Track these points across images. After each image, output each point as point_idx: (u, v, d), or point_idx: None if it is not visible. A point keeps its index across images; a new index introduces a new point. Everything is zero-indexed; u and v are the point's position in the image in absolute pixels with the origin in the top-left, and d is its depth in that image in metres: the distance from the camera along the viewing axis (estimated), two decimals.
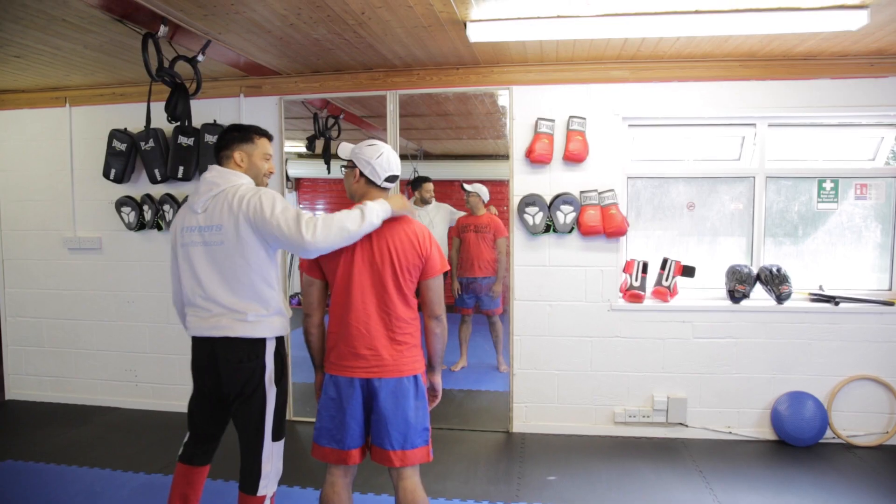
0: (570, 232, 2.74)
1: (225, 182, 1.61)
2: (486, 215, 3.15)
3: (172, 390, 3.03)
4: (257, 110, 2.92)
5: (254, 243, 1.55)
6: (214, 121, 2.90)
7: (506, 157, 2.77)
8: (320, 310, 1.59)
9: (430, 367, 1.64)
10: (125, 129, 2.91)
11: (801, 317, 2.71)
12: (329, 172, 3.00)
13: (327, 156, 2.96)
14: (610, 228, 2.69)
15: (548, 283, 2.79)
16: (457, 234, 3.22)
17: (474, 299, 3.22)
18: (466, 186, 3.13)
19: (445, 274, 1.59)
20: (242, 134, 1.67)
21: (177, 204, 2.90)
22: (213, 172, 1.62)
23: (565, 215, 2.70)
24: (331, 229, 1.50)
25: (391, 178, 1.58)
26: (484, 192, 3.13)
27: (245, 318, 1.54)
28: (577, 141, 2.68)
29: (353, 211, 1.55)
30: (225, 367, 1.57)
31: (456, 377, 3.18)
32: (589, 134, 2.74)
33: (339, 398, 1.53)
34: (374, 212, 1.54)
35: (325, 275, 1.57)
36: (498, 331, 3.12)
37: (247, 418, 1.58)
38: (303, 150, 3.00)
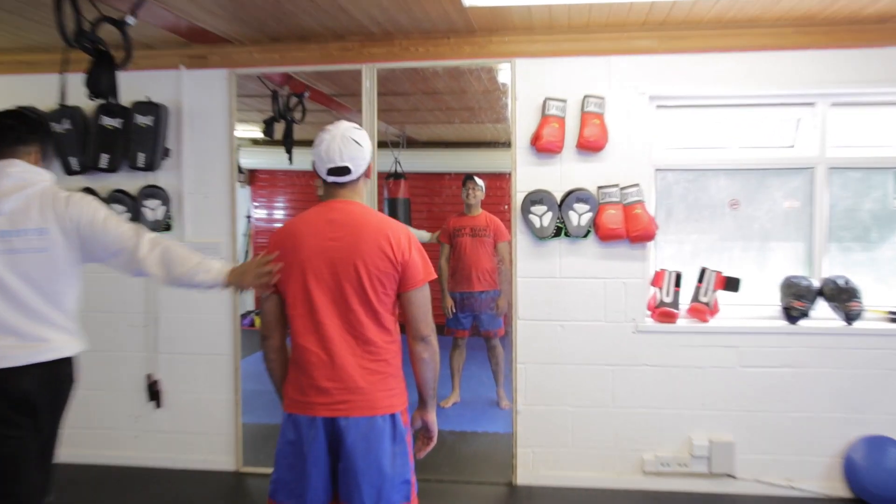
0: (586, 236, 2.70)
1: (35, 178, 1.65)
2: (484, 215, 3.16)
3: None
4: (202, 86, 2.88)
5: (75, 253, 1.62)
6: (148, 98, 2.84)
7: (507, 144, 2.74)
8: (280, 329, 1.58)
9: (420, 403, 1.62)
10: (33, 107, 2.83)
11: (876, 341, 2.65)
12: (291, 162, 2.97)
13: (289, 142, 2.94)
14: (634, 231, 2.65)
15: (558, 298, 2.74)
16: (447, 238, 3.20)
17: (471, 319, 3.21)
18: (478, 180, 3.11)
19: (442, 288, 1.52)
20: (46, 129, 1.73)
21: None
22: (18, 167, 1.64)
23: (579, 216, 2.67)
24: (165, 256, 1.61)
25: (336, 172, 1.55)
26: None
27: (45, 338, 1.59)
28: (593, 125, 2.64)
29: (196, 255, 1.64)
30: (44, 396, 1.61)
31: (447, 415, 3.16)
32: (608, 117, 2.69)
33: (298, 442, 1.51)
34: (210, 269, 1.63)
35: (280, 287, 1.56)
36: (498, 357, 3.12)
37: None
38: (259, 135, 2.98)
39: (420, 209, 3.47)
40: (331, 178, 1.55)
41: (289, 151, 2.96)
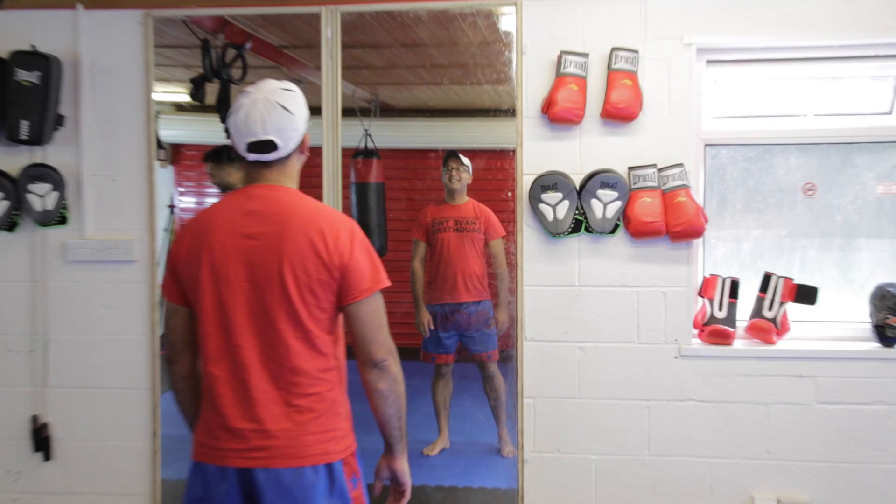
0: (613, 232, 2.59)
1: None
2: (472, 204, 3.07)
3: None
4: (108, 33, 2.71)
5: None
6: (33, 47, 2.64)
7: (510, 113, 2.65)
8: (190, 352, 1.58)
9: (385, 447, 1.61)
10: None
11: None
12: (229, 136, 2.77)
13: (225, 108, 2.72)
14: (677, 226, 2.53)
15: (577, 312, 2.65)
16: (423, 234, 3.07)
17: (457, 339, 3.07)
18: (463, 158, 3.01)
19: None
20: None
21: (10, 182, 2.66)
22: None
23: (605, 206, 2.54)
24: None
25: (258, 147, 1.51)
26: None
27: None
28: (623, 87, 2.51)
29: None
30: None
31: (433, 466, 2.99)
32: (643, 76, 2.57)
33: (206, 499, 1.50)
34: None
35: (188, 297, 1.55)
36: (498, 388, 2.96)
37: None
38: (185, 99, 2.81)
39: (397, 196, 3.31)
40: (252, 156, 1.52)
41: (225, 121, 2.69)
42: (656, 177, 2.54)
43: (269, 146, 1.50)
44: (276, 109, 1.49)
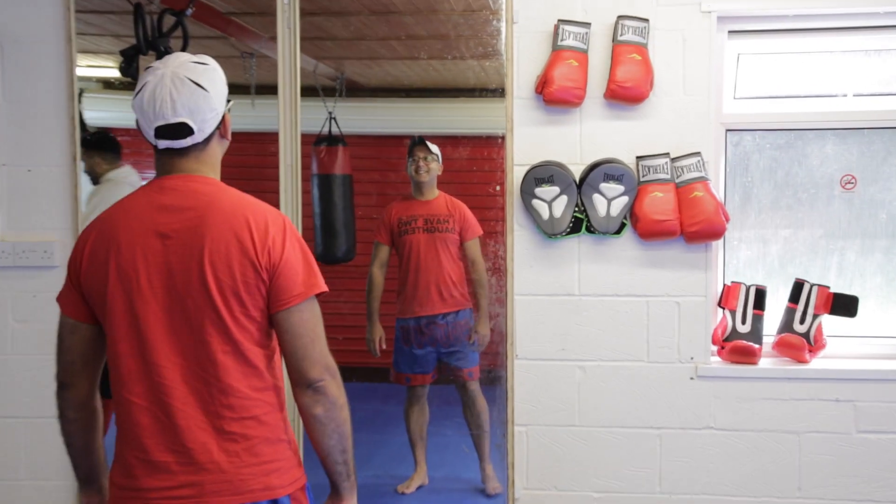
0: (619, 232, 2.57)
1: None
2: (443, 199, 3.05)
3: None
4: None
5: None
6: None
7: (498, 93, 2.63)
8: (87, 376, 1.57)
9: (332, 488, 1.60)
10: None
11: None
12: None
13: None
14: (693, 225, 2.50)
15: (577, 326, 2.63)
16: (388, 237, 3.04)
17: (434, 356, 3.03)
18: (431, 146, 2.99)
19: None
20: None
21: None
22: None
23: (609, 201, 2.52)
24: None
25: (168, 132, 1.49)
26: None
27: None
28: (631, 63, 2.47)
29: None
30: None
31: None
32: (654, 49, 2.54)
33: None
34: None
35: (94, 312, 1.54)
36: (479, 411, 2.94)
37: None
38: (115, 74, 2.76)
39: (367, 191, 3.28)
40: (162, 143, 1.50)
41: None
42: (669, 168, 2.51)
43: (182, 130, 1.47)
44: (188, 86, 1.46)
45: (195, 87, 1.46)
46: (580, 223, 2.55)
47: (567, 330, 2.60)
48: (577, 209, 2.54)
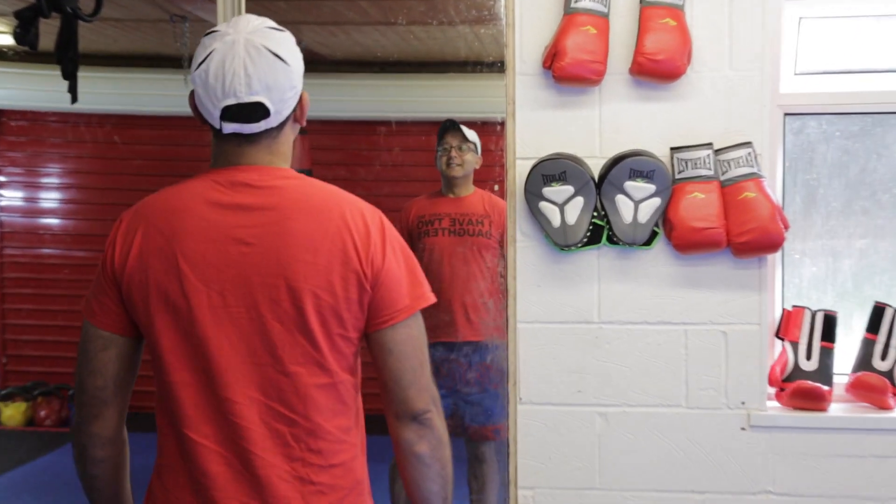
0: (649, 243, 2.51)
1: None
2: (479, 196, 3.08)
3: None
4: None
5: None
6: None
7: (496, 67, 2.62)
8: (118, 404, 1.59)
9: None
10: None
11: None
12: (76, 99, 2.76)
13: (70, 59, 2.67)
14: (744, 234, 2.44)
15: (597, 361, 2.57)
16: (405, 237, 3.06)
17: (449, 404, 3.07)
18: (466, 131, 3.05)
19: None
20: None
21: None
22: None
23: (636, 204, 2.48)
24: None
25: (240, 114, 1.49)
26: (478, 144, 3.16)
27: None
28: (663, 29, 2.43)
29: None
30: None
31: None
32: (692, 13, 2.49)
33: None
34: None
35: (138, 325, 1.56)
36: (485, 476, 3.02)
37: None
38: (9, 42, 2.80)
39: None
40: (230, 127, 1.51)
41: (71, 75, 2.66)
42: (712, 162, 2.44)
43: (256, 112, 1.47)
44: (265, 57, 1.46)
45: (274, 59, 1.46)
46: (600, 232, 2.50)
47: (584, 367, 2.55)
48: (595, 214, 2.49)
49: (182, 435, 1.51)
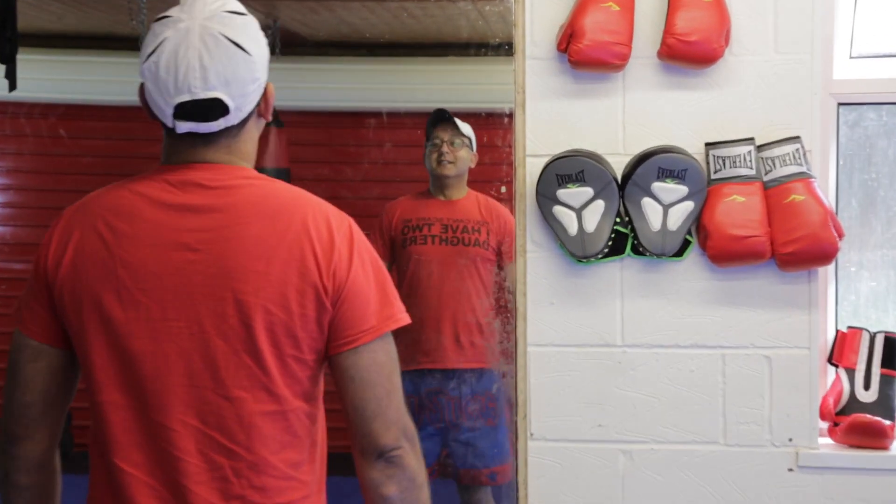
0: (681, 254, 2.53)
1: None
2: (475, 199, 3.10)
3: None
4: None
5: None
6: None
7: (503, 49, 2.67)
8: (48, 425, 1.61)
9: None
10: None
11: None
12: (15, 86, 2.81)
13: (4, 37, 2.74)
14: (791, 243, 2.44)
15: (620, 391, 2.59)
16: (384, 248, 3.13)
17: (438, 442, 3.09)
18: (460, 124, 3.07)
19: None
20: None
21: None
22: None
23: (666, 209, 2.49)
24: None
25: (194, 111, 1.50)
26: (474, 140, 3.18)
27: None
28: (697, 6, 2.45)
29: None
30: None
31: None
32: None
33: None
34: None
35: (70, 336, 1.57)
36: None
37: None
38: None
39: (311, 190, 3.33)
40: (184, 127, 1.52)
41: (8, 58, 2.73)
42: (754, 160, 2.47)
43: (214, 109, 1.48)
44: (223, 47, 1.46)
45: (234, 49, 1.47)
46: (623, 241, 2.51)
47: (605, 397, 2.56)
48: (618, 220, 2.51)
49: (111, 463, 1.51)
